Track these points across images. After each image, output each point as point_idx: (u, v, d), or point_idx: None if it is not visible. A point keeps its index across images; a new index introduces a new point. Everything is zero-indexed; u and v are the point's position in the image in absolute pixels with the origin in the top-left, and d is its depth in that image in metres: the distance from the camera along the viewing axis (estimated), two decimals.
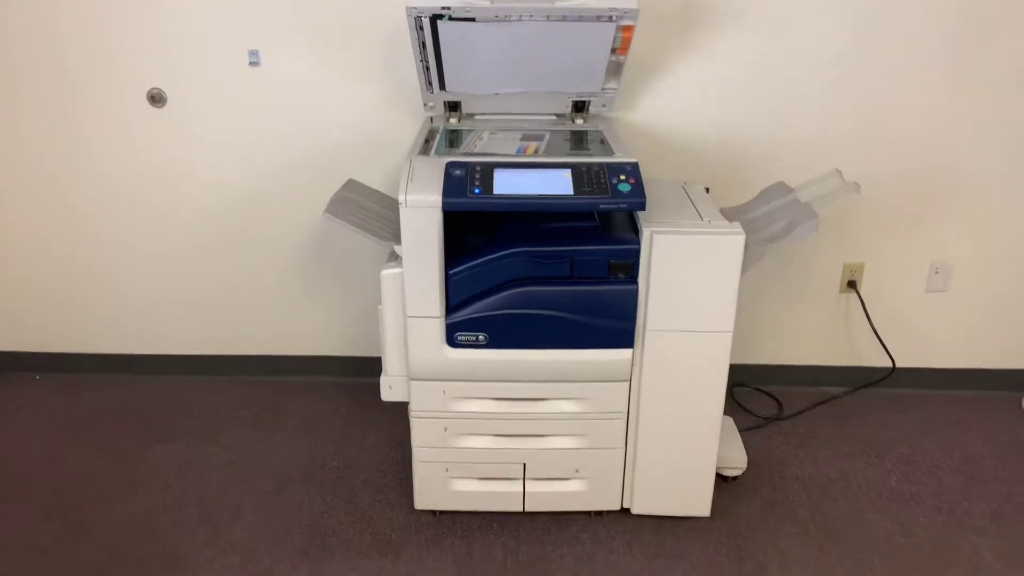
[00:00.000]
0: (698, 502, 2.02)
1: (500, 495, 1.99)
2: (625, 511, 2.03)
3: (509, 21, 1.84)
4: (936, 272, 2.53)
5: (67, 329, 2.68)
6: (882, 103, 2.33)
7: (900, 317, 2.58)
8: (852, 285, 2.54)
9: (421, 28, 1.87)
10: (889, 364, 2.56)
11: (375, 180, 2.29)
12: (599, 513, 2.05)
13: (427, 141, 1.97)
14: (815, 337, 2.63)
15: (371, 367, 2.09)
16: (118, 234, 2.54)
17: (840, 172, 2.06)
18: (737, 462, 2.14)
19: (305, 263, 2.56)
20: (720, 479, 2.13)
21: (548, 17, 1.83)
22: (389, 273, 1.82)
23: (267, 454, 2.31)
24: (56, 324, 2.67)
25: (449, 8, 1.81)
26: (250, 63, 2.31)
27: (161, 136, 2.40)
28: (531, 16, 1.83)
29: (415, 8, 1.81)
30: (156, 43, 2.29)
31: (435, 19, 1.84)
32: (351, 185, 2.14)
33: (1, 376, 2.71)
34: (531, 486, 1.98)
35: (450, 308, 1.81)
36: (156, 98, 2.35)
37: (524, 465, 1.96)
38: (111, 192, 2.48)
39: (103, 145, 2.42)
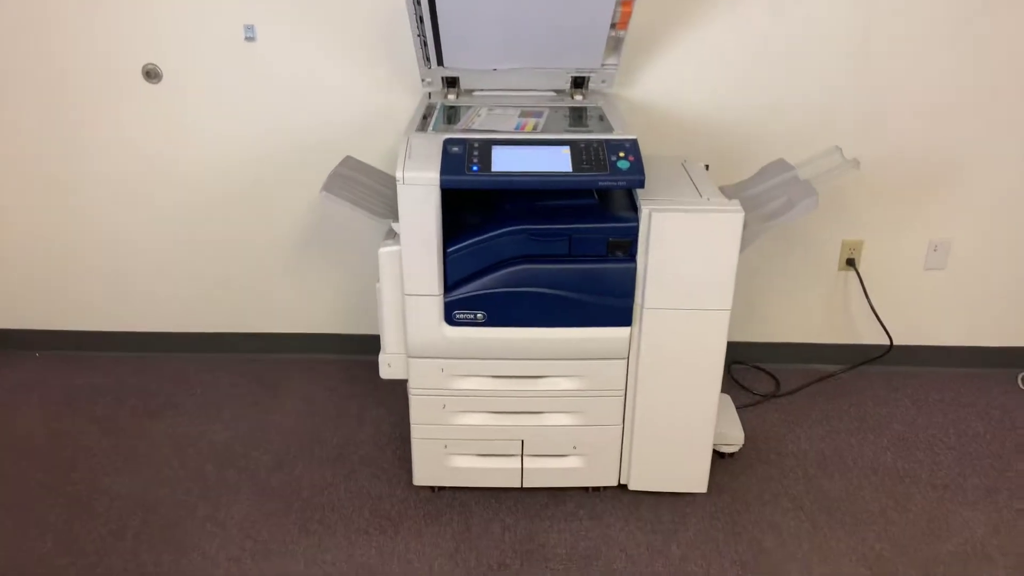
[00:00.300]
0: (695, 478, 2.04)
1: (498, 471, 2.00)
2: (622, 487, 2.05)
3: None
4: (935, 250, 2.53)
5: (66, 306, 2.67)
6: (883, 80, 2.31)
7: (898, 295, 2.58)
8: (851, 263, 2.54)
9: (418, 1, 1.85)
10: (887, 342, 2.57)
11: (373, 157, 2.27)
12: (596, 489, 2.06)
13: (425, 117, 1.95)
14: (813, 315, 2.63)
15: (370, 345, 2.09)
16: (115, 211, 2.52)
17: (840, 149, 2.04)
18: (734, 439, 2.16)
19: (303, 240, 2.56)
20: (717, 455, 2.15)
21: None
22: (387, 251, 1.82)
23: (266, 431, 2.33)
24: (55, 301, 2.67)
25: None
26: (246, 38, 2.28)
27: (157, 112, 2.38)
28: None
29: None
30: (151, 19, 2.26)
31: None
32: (348, 162, 2.13)
33: (1, 353, 2.71)
34: (529, 462, 1.99)
35: (448, 286, 1.81)
36: (151, 74, 2.33)
37: (522, 442, 1.97)
38: (108, 169, 2.46)
39: (99, 121, 2.40)
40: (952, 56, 2.28)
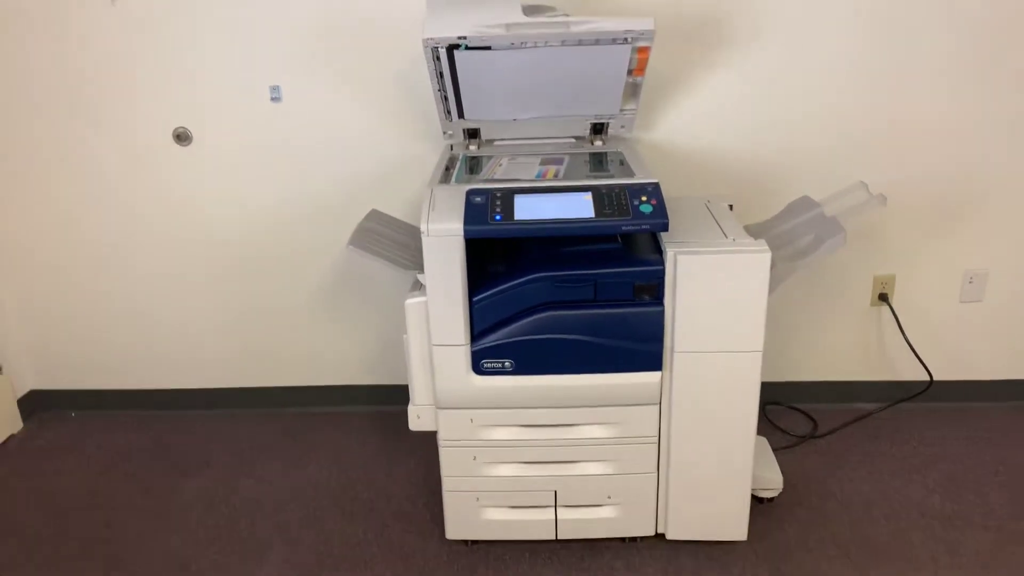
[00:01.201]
0: (734, 526, 1.98)
1: (532, 523, 1.97)
2: (660, 536, 2.00)
3: (525, 48, 1.85)
4: (970, 281, 2.47)
5: (100, 366, 2.72)
6: (905, 109, 2.29)
7: (935, 329, 2.52)
8: (883, 298, 2.49)
9: (438, 59, 1.89)
10: (926, 378, 2.50)
11: (397, 207, 2.30)
12: (633, 539, 2.01)
13: (447, 169, 1.98)
14: (848, 352, 2.57)
15: (400, 396, 2.08)
16: (147, 271, 2.58)
17: (865, 184, 2.02)
18: (773, 483, 2.10)
19: (330, 293, 2.58)
20: (756, 501, 2.09)
21: (564, 42, 1.84)
22: (413, 302, 1.82)
23: (297, 485, 2.32)
24: (90, 361, 2.71)
25: (465, 38, 1.82)
26: (272, 99, 2.35)
27: (188, 174, 2.44)
28: (547, 42, 1.84)
29: (432, 39, 1.83)
30: (180, 84, 2.34)
31: (452, 49, 1.86)
32: (373, 215, 2.16)
33: (37, 414, 2.76)
34: (563, 513, 1.95)
35: (475, 335, 1.81)
36: (182, 136, 2.40)
37: (555, 492, 1.93)
38: (140, 230, 2.53)
39: (132, 184, 2.47)
40: (973, 79, 2.25)
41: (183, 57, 2.31)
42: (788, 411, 2.59)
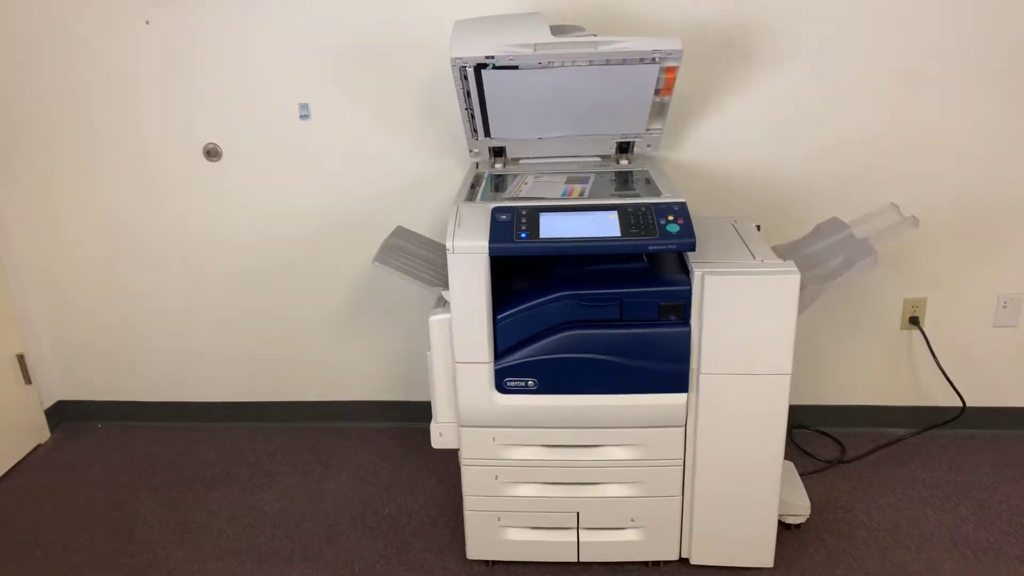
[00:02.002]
0: (760, 551, 1.94)
1: (553, 545, 1.94)
2: (684, 561, 1.96)
3: (552, 67, 1.86)
4: (1004, 306, 2.42)
5: (127, 377, 2.75)
6: (935, 130, 2.26)
7: (968, 354, 2.46)
8: (914, 321, 2.44)
9: (466, 78, 1.90)
10: (958, 403, 2.44)
11: (422, 224, 2.31)
12: (656, 563, 1.98)
13: (473, 187, 1.98)
14: (877, 376, 2.53)
15: (422, 412, 2.08)
16: (175, 285, 2.61)
17: (897, 206, 1.99)
18: (800, 508, 2.06)
19: (355, 309, 2.59)
20: (783, 527, 2.04)
21: (591, 62, 1.84)
22: (437, 319, 1.82)
23: (319, 501, 2.32)
24: (116, 373, 2.75)
25: (493, 57, 1.83)
26: (300, 116, 2.38)
27: (217, 189, 2.48)
28: (574, 62, 1.84)
29: (460, 59, 1.84)
30: (212, 101, 2.38)
31: (479, 68, 1.87)
32: (399, 232, 2.17)
33: (65, 424, 2.79)
34: (585, 535, 1.93)
35: (499, 353, 1.80)
36: (212, 152, 2.44)
37: (578, 514, 1.91)
38: (168, 244, 2.56)
39: (162, 199, 2.51)
40: (1007, 99, 2.22)
41: (214, 74, 2.35)
42: (816, 435, 2.54)
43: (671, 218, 1.71)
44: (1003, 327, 2.44)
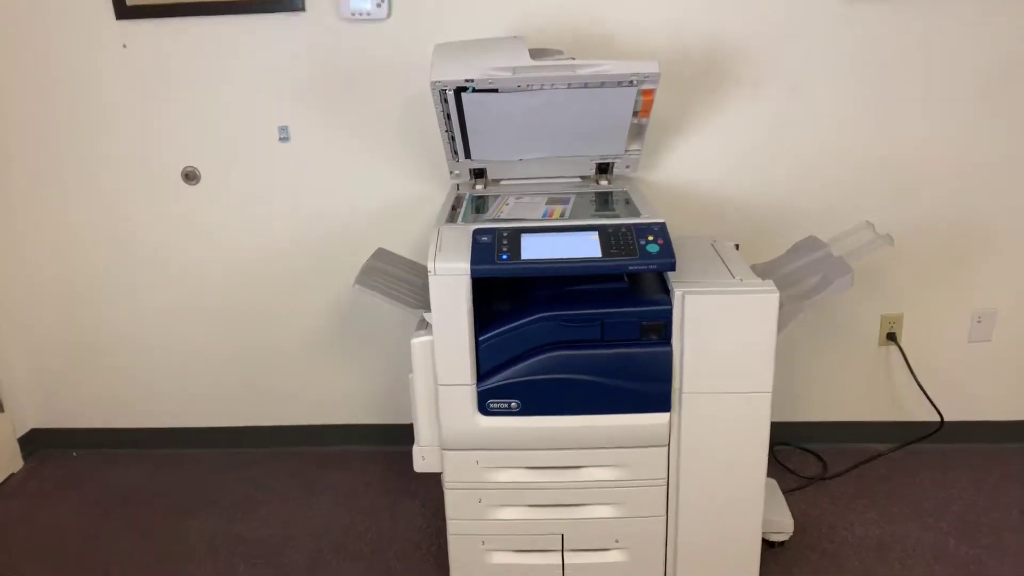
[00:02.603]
0: (745, 570, 1.93)
1: (538, 568, 1.93)
2: None
3: (531, 90, 1.87)
4: (978, 321, 2.46)
5: (102, 404, 2.70)
6: (911, 149, 2.30)
7: (944, 369, 2.50)
8: (892, 337, 2.47)
9: (446, 100, 1.91)
10: (937, 419, 2.47)
11: (403, 246, 2.31)
12: None
13: (454, 208, 1.99)
14: (856, 392, 2.55)
15: (404, 435, 2.07)
16: (151, 310, 2.58)
17: (872, 224, 2.02)
18: (783, 526, 2.06)
19: (336, 332, 2.58)
20: (766, 544, 2.05)
21: (570, 85, 1.86)
22: (419, 341, 1.82)
23: (300, 527, 2.28)
24: (91, 400, 2.70)
25: (472, 80, 1.85)
26: (280, 139, 2.37)
27: (195, 213, 2.46)
28: (553, 85, 1.86)
29: (439, 82, 1.85)
30: (190, 124, 2.37)
31: (459, 91, 1.88)
32: (380, 254, 2.16)
33: (39, 452, 2.73)
34: (570, 558, 1.92)
35: (481, 375, 1.79)
36: (190, 176, 2.42)
37: (562, 536, 1.90)
38: (144, 269, 2.53)
39: (137, 223, 2.48)
40: (982, 120, 2.27)
41: (193, 97, 2.34)
42: (797, 452, 2.55)
43: (651, 238, 1.73)
44: (978, 342, 2.48)
